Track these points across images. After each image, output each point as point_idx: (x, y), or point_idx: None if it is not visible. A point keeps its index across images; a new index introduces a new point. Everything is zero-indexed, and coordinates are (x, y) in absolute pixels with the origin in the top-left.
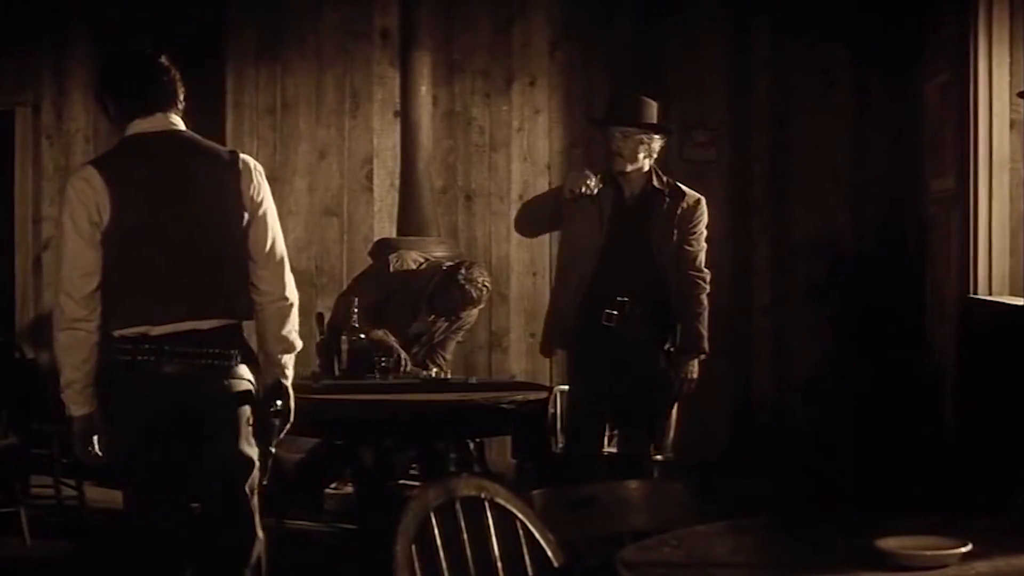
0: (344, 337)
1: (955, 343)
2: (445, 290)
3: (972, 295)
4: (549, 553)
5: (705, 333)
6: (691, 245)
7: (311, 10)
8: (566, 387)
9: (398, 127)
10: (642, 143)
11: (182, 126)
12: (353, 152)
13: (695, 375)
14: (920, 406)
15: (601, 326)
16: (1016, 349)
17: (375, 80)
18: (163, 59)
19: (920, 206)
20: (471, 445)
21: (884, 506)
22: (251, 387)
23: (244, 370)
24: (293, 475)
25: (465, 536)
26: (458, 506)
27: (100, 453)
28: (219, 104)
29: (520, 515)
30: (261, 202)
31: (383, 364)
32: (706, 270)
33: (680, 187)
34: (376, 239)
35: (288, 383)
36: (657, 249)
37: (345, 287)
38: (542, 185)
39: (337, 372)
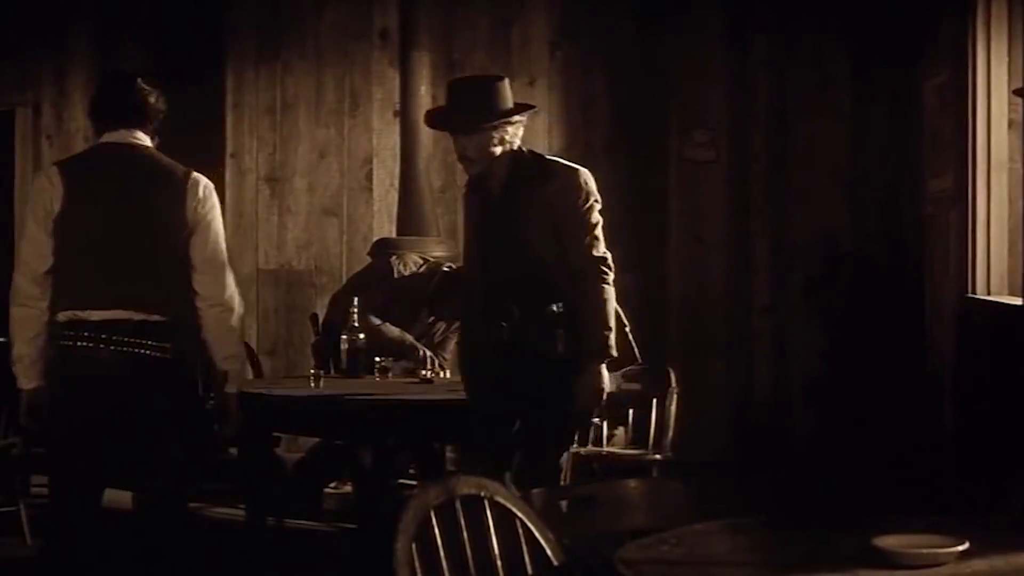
0: (344, 336)
1: (954, 342)
2: (451, 292)
3: (970, 295)
4: (549, 552)
5: (610, 332)
6: (575, 230)
7: (311, 10)
8: None
9: (397, 127)
10: (489, 135)
11: (146, 142)
12: (353, 152)
13: (603, 385)
14: (919, 405)
15: (492, 342)
16: (1014, 348)
17: (374, 80)
18: (140, 81)
19: (919, 206)
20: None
21: (883, 505)
22: (187, 387)
23: (183, 370)
24: (292, 474)
25: (465, 535)
26: (458, 505)
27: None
28: (219, 104)
29: (520, 514)
30: (204, 215)
31: (382, 364)
32: (605, 253)
33: (551, 163)
34: (375, 239)
35: (231, 390)
36: (531, 246)
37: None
38: None
39: (333, 371)
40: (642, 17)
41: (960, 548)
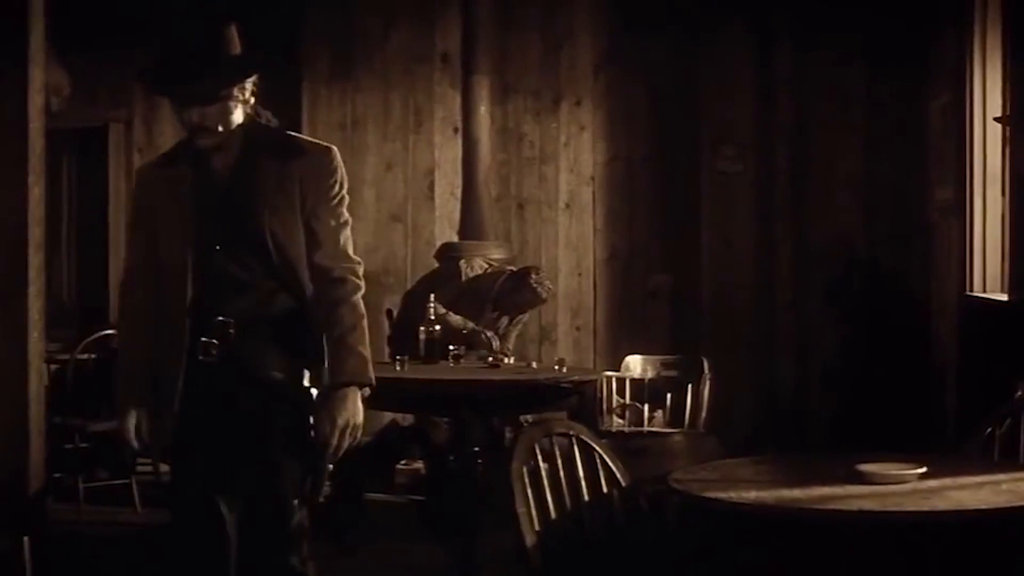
0: (422, 328)
1: (955, 336)
2: (516, 291)
3: (969, 293)
4: (618, 475)
5: (366, 352)
6: (323, 220)
7: (379, 35)
8: (611, 373)
9: (456, 142)
10: (232, 97)
11: None
12: (416, 164)
13: (355, 419)
14: (925, 392)
15: (198, 363)
16: (1004, 340)
17: (436, 99)
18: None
19: (925, 213)
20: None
21: None
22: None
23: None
24: (367, 453)
25: (558, 461)
26: (553, 439)
27: None
28: (296, 120)
29: (597, 447)
30: None
31: (455, 351)
32: (355, 258)
33: (295, 137)
34: (438, 243)
35: None
36: (272, 235)
37: (409, 286)
38: (586, 194)
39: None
40: (677, 42)
41: (920, 471)
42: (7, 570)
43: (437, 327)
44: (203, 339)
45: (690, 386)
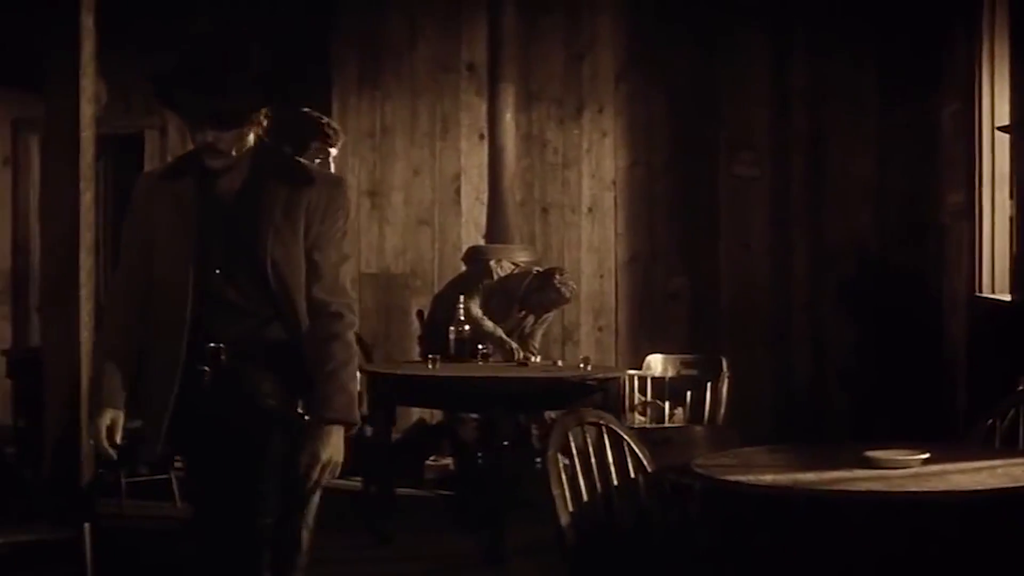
0: (452, 328)
1: (965, 335)
2: (542, 291)
3: (978, 294)
4: (645, 462)
5: (355, 390)
6: (326, 253)
7: (406, 46)
8: (633, 372)
9: (482, 148)
10: (249, 123)
11: None
12: (443, 170)
13: (337, 457)
14: (936, 388)
15: (193, 392)
16: (1010, 338)
17: (462, 107)
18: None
19: (936, 216)
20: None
21: None
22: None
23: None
24: (395, 449)
25: (590, 447)
26: (585, 427)
27: None
28: None
29: (626, 436)
30: None
31: (484, 351)
32: (352, 294)
33: (305, 165)
34: (464, 246)
35: None
36: (273, 263)
37: (438, 288)
38: (608, 198)
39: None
40: (696, 52)
41: (923, 456)
42: (68, 557)
43: (466, 327)
44: (197, 365)
45: (709, 384)
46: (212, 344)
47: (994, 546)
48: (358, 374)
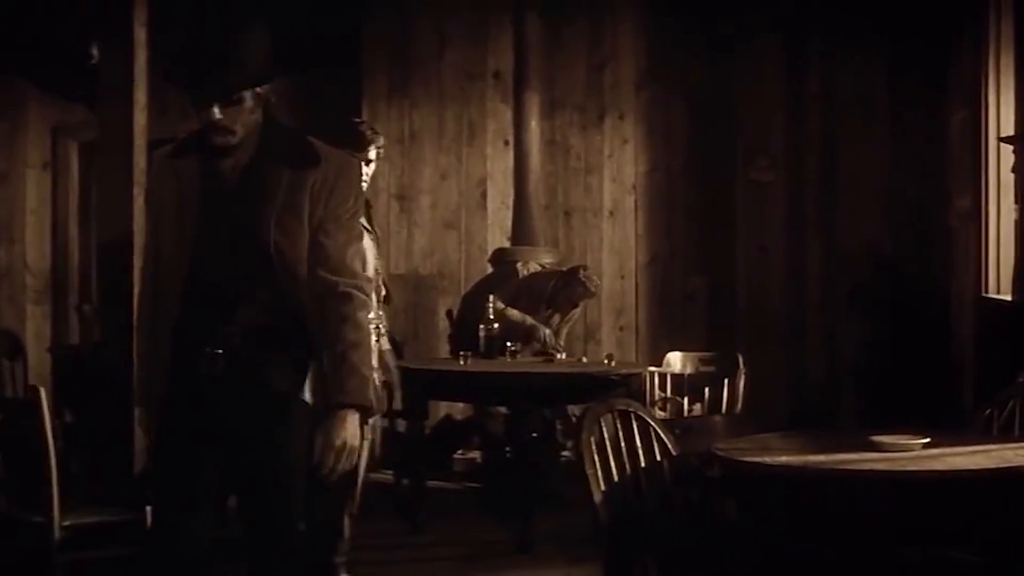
0: (482, 326)
1: (972, 334)
2: (568, 287)
3: (985, 295)
4: (670, 446)
5: (368, 372)
6: (332, 234)
7: (434, 55)
8: (654, 368)
9: (507, 153)
10: (252, 98)
11: None
12: (470, 174)
13: (352, 442)
14: (945, 386)
15: (198, 376)
16: (1014, 339)
17: (488, 114)
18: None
19: (945, 220)
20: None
21: None
22: None
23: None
24: (426, 443)
25: (619, 433)
26: (615, 414)
27: None
28: None
29: (652, 423)
30: None
31: (512, 348)
32: (362, 273)
33: (315, 144)
34: (490, 248)
35: None
36: (276, 244)
37: (466, 288)
38: (629, 202)
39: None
40: (714, 61)
41: (924, 441)
42: (128, 539)
43: (496, 325)
44: (207, 349)
45: (726, 380)
46: (225, 329)
47: (987, 519)
48: (371, 354)
